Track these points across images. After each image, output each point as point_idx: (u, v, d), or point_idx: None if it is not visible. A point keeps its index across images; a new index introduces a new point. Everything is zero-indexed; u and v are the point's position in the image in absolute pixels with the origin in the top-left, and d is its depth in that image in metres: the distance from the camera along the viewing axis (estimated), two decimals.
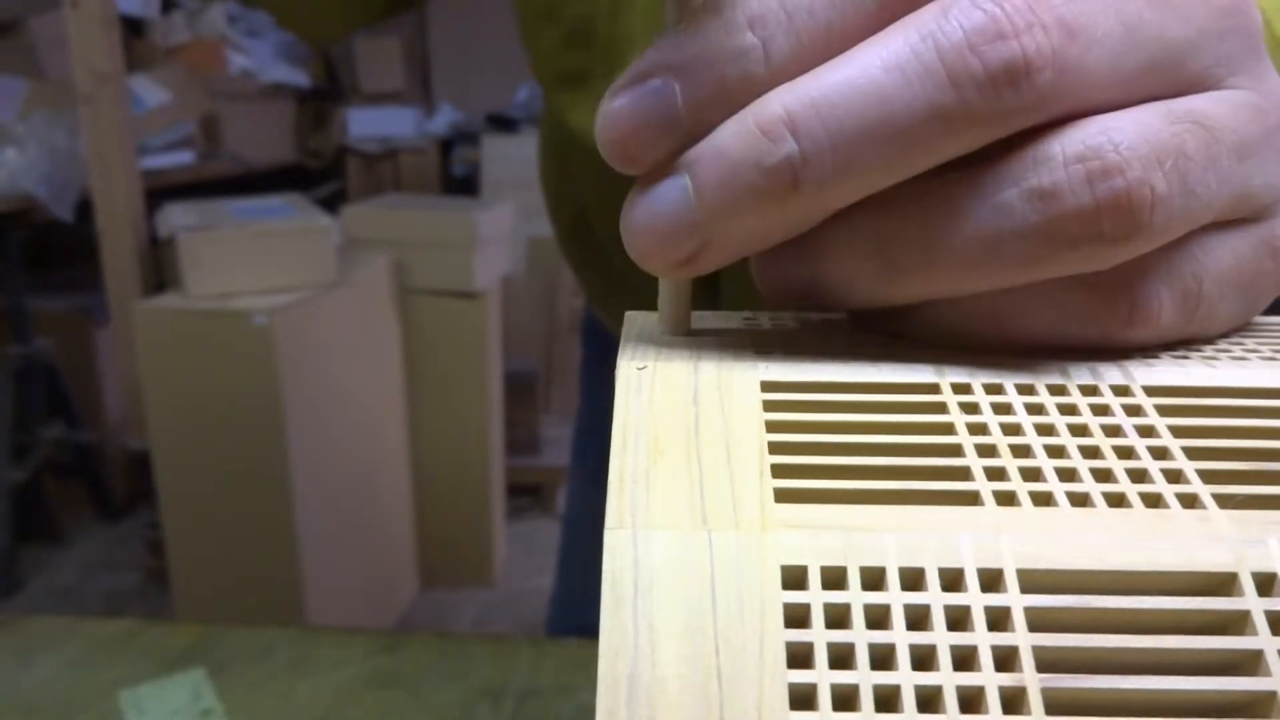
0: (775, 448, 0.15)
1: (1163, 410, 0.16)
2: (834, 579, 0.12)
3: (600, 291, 0.54)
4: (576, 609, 0.66)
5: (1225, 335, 0.19)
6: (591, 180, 0.48)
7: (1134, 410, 0.16)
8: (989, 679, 0.11)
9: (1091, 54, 0.15)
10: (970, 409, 0.16)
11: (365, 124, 2.71)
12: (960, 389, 0.16)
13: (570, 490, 0.70)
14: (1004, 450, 0.15)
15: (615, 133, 0.16)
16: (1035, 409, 0.16)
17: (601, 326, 0.60)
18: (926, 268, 0.16)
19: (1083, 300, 0.17)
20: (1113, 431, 0.15)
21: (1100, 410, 0.16)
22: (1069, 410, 0.16)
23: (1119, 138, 0.15)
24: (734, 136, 0.16)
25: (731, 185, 0.16)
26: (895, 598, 0.12)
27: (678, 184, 0.16)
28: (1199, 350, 0.18)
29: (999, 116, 0.15)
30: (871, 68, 0.15)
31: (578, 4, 0.42)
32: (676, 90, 0.16)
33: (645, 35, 0.40)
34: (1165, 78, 0.16)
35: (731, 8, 0.16)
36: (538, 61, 0.47)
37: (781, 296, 0.19)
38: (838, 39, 0.16)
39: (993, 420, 0.15)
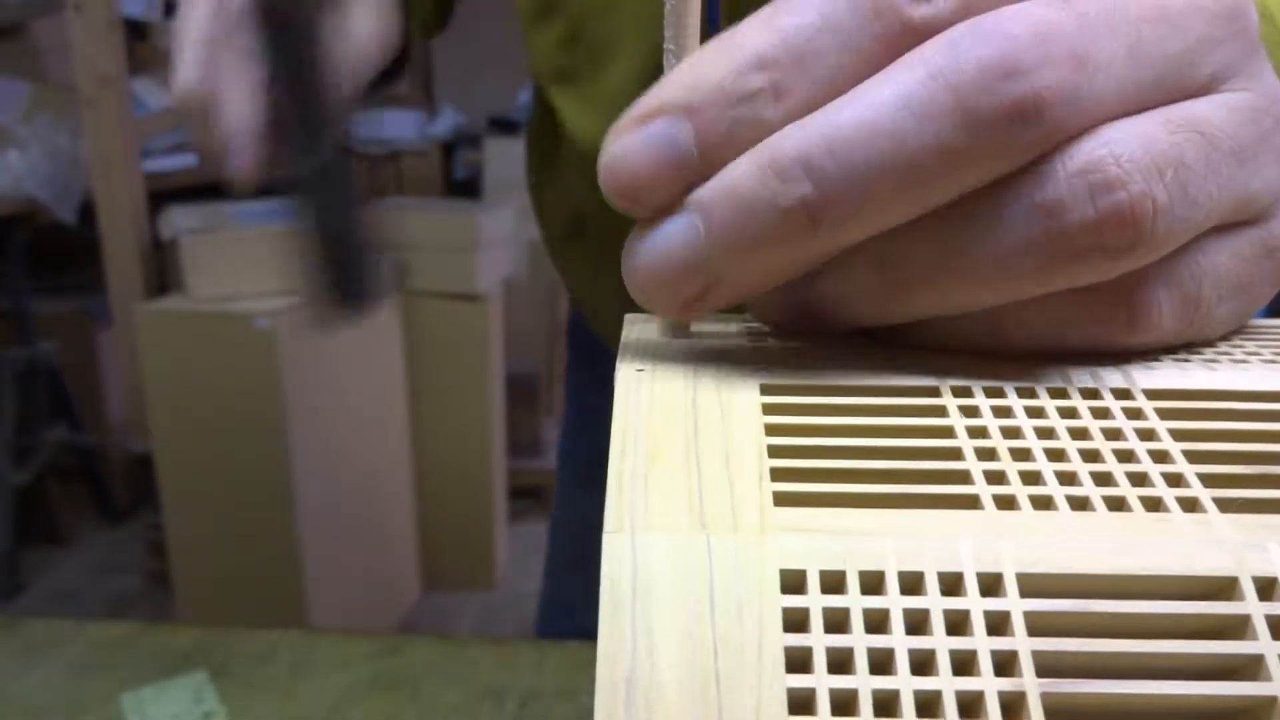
0: (774, 451, 0.15)
1: (1163, 414, 0.16)
2: (833, 583, 0.12)
3: (595, 295, 0.54)
4: (564, 614, 0.65)
5: (1223, 336, 0.19)
6: (589, 182, 0.48)
7: (1134, 414, 0.16)
8: (988, 684, 0.11)
9: (1098, 81, 0.15)
10: (970, 412, 0.16)
11: (367, 127, 2.71)
12: (960, 392, 0.16)
13: (556, 494, 0.69)
14: (1004, 453, 0.15)
15: (623, 174, 0.16)
16: (1035, 412, 0.16)
17: (586, 329, 0.60)
18: (932, 284, 0.16)
19: (1083, 307, 0.17)
20: (1113, 435, 0.15)
21: (1101, 413, 0.16)
22: (1069, 413, 0.16)
23: (1120, 150, 0.15)
24: (748, 177, 0.15)
25: (746, 226, 0.16)
26: (894, 602, 0.12)
27: (686, 222, 0.16)
28: (1200, 353, 0.18)
29: (1011, 152, 0.15)
30: (884, 106, 0.15)
31: (574, 4, 0.42)
32: (688, 132, 0.16)
33: (632, 37, 0.40)
34: (1165, 90, 0.16)
35: (740, 49, 0.16)
36: (535, 59, 0.47)
37: (777, 320, 0.19)
38: (849, 77, 0.16)
39: (993, 423, 0.15)
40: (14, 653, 0.48)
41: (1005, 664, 0.12)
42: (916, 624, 0.12)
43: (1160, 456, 0.15)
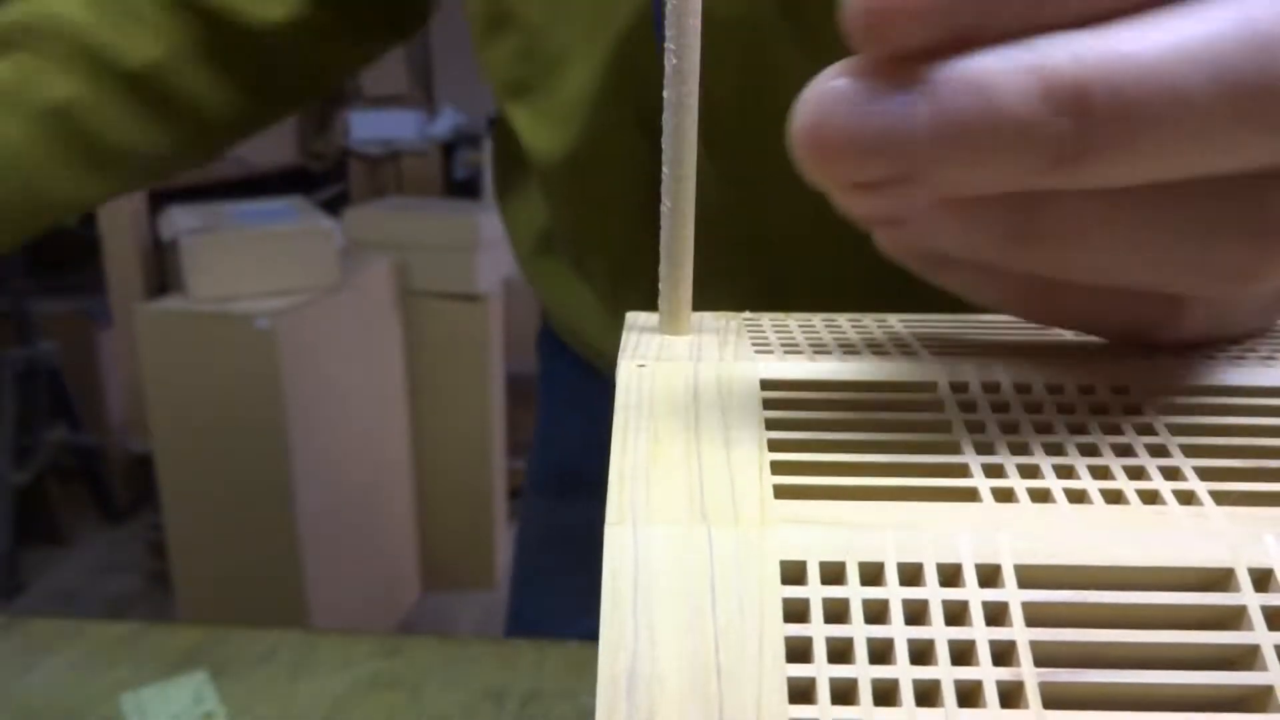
0: (775, 445, 0.15)
1: (1160, 408, 0.16)
2: (833, 574, 0.12)
3: (569, 310, 0.53)
4: (533, 626, 0.63)
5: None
6: (551, 198, 0.47)
7: (1132, 408, 0.16)
8: (987, 673, 0.11)
9: None
10: (968, 407, 0.16)
11: (367, 127, 2.72)
12: (958, 387, 0.16)
13: (523, 504, 0.65)
14: (1002, 448, 0.15)
15: None
16: (1033, 407, 0.16)
17: (556, 340, 0.58)
18: (1070, 250, 0.14)
19: (1132, 300, 0.16)
20: (1110, 429, 0.15)
21: (1098, 408, 0.16)
22: (1066, 409, 0.16)
23: None
24: (1008, 84, 0.12)
25: (980, 137, 0.12)
26: (894, 593, 0.12)
27: (908, 96, 0.13)
28: (1197, 350, 0.18)
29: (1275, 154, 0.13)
30: (1186, 49, 0.12)
31: (522, 13, 0.41)
32: None
33: (584, 48, 0.39)
34: None
35: None
36: (489, 73, 0.45)
37: (871, 216, 0.16)
38: None
39: (990, 418, 0.15)
40: (14, 653, 0.48)
41: (1004, 654, 0.12)
42: (916, 614, 0.12)
43: (1157, 450, 0.15)
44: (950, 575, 0.12)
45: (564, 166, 0.43)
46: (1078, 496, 0.14)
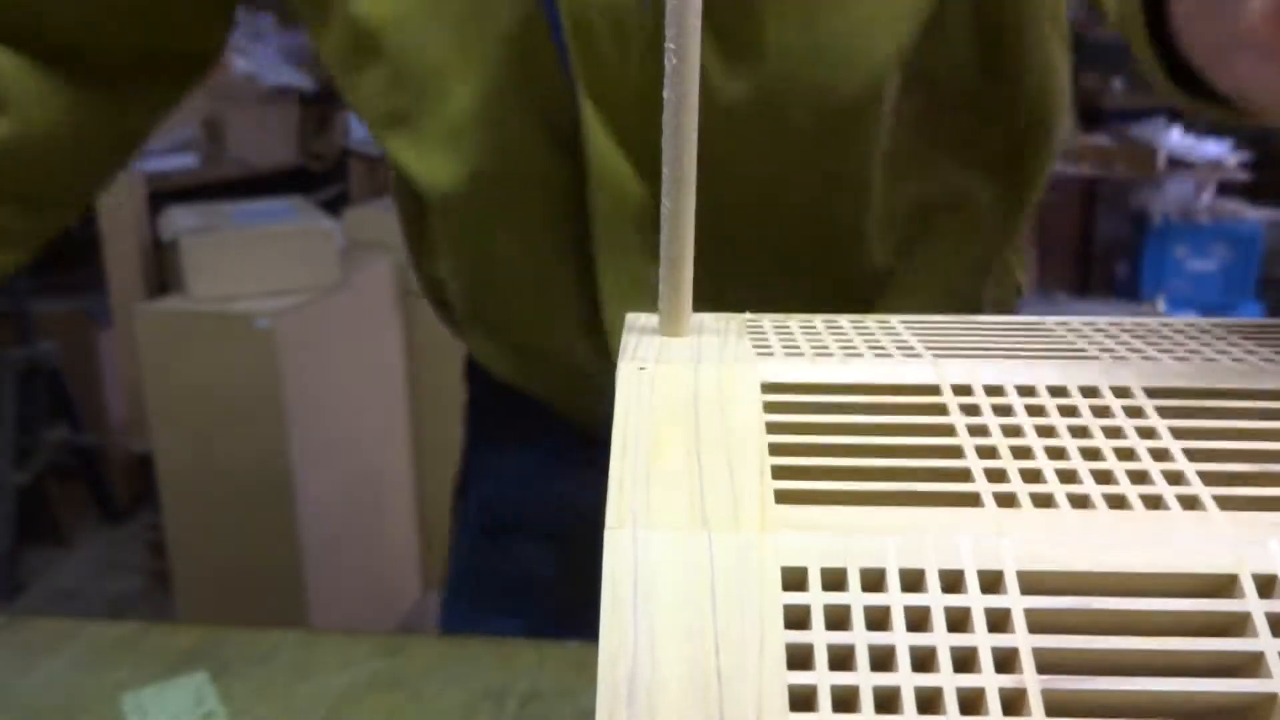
0: (776, 449, 0.15)
1: (1163, 412, 0.16)
2: (834, 580, 0.12)
3: (482, 353, 0.51)
4: None
5: (1221, 336, 0.19)
6: (457, 237, 0.44)
7: (1134, 411, 0.16)
8: (989, 680, 0.11)
9: None
10: (970, 410, 0.16)
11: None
12: (960, 390, 0.16)
13: (453, 548, 0.60)
14: (1004, 451, 0.15)
15: None
16: (1035, 410, 0.16)
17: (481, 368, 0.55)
18: None
19: None
20: (1113, 433, 0.15)
21: (1101, 411, 0.16)
22: (1069, 411, 0.16)
23: None
24: None
25: None
26: (895, 599, 0.12)
27: None
28: (1198, 352, 0.18)
29: None
30: None
31: (386, 35, 0.38)
32: None
33: (462, 64, 0.37)
34: None
35: None
36: (358, 108, 0.43)
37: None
38: None
39: (993, 421, 0.15)
40: (14, 653, 0.48)
41: (1006, 661, 0.12)
42: (917, 621, 0.12)
43: (1160, 454, 0.15)
44: (952, 581, 0.12)
45: (465, 195, 0.40)
46: (1080, 501, 0.14)
